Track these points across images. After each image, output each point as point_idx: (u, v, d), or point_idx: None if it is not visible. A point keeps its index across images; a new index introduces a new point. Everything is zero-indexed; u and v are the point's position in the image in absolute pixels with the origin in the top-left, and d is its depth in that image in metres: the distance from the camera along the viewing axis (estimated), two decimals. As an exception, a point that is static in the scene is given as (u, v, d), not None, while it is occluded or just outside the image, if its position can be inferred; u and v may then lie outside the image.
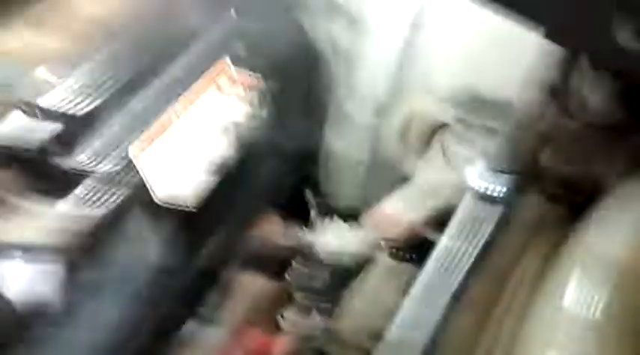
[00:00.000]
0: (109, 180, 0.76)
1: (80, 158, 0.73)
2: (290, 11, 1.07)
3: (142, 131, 0.81)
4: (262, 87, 0.99)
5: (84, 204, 0.73)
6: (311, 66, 1.10)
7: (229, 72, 0.98)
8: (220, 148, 0.92)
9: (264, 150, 1.03)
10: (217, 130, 0.93)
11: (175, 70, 0.87)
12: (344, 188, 1.14)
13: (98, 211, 0.74)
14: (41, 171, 0.72)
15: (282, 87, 1.03)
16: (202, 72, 0.92)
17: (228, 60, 0.97)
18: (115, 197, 0.77)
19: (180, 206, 0.86)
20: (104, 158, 0.75)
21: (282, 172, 1.12)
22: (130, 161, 0.79)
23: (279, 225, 0.92)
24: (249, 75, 0.98)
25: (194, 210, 0.87)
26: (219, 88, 0.96)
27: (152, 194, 0.82)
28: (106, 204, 0.75)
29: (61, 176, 0.72)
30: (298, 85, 1.10)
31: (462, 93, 0.89)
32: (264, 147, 1.03)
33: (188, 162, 0.88)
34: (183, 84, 0.88)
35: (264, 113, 0.99)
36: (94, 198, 0.74)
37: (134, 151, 0.80)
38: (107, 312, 0.75)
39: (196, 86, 0.91)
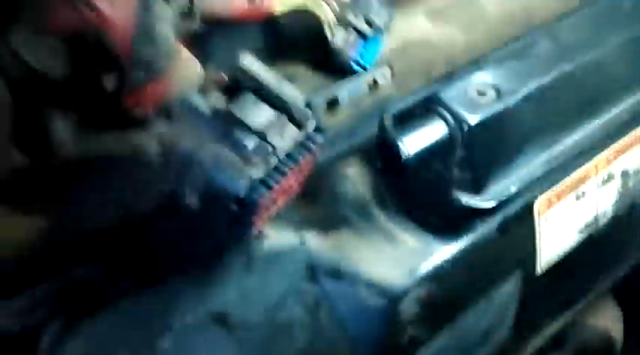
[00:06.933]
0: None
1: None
2: None
3: (552, 184, 0.66)
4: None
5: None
6: None
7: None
8: (604, 204, 0.74)
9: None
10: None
11: (605, 117, 0.68)
12: None
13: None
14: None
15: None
16: (635, 124, 0.73)
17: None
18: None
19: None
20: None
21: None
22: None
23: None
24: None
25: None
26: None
27: (535, 263, 0.68)
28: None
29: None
30: None
31: None
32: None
33: (576, 225, 0.72)
34: (610, 135, 0.70)
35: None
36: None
37: (538, 208, 0.65)
38: None
39: (624, 141, 0.72)
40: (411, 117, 0.58)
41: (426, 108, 0.56)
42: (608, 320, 1.09)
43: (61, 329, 0.47)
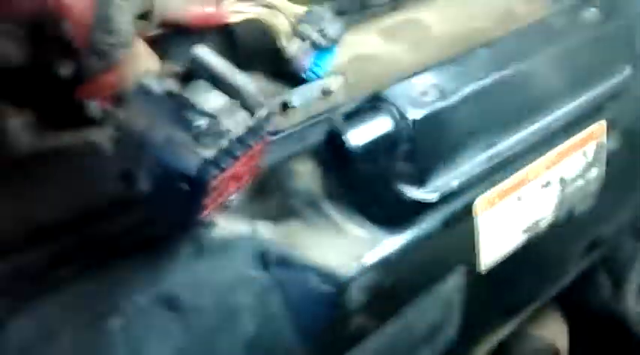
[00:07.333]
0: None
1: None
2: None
3: (492, 184, 0.69)
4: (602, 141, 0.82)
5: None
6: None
7: (601, 139, 0.82)
8: (543, 208, 0.78)
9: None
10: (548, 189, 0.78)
11: (543, 123, 0.72)
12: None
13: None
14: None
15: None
16: (572, 133, 0.78)
17: (604, 125, 0.82)
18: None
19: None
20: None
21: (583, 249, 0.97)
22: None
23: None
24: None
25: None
26: (585, 154, 0.80)
27: (477, 261, 0.71)
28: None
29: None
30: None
31: None
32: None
33: (517, 227, 0.75)
34: (547, 141, 0.74)
35: (596, 172, 0.83)
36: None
37: (479, 206, 0.69)
38: None
39: (561, 148, 0.76)
40: (358, 114, 0.61)
41: (373, 105, 0.60)
42: (554, 332, 1.13)
43: (3, 311, 0.47)
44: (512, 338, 0.98)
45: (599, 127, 0.81)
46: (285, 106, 0.71)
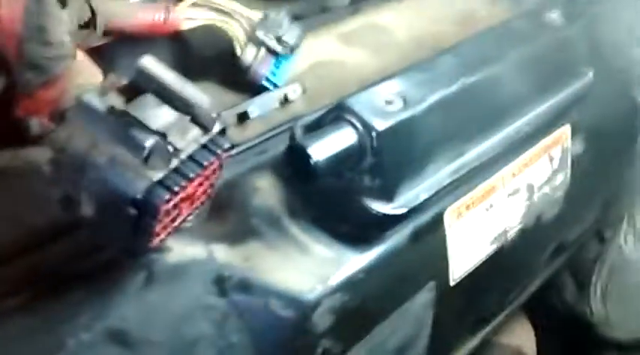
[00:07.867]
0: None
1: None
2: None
3: (461, 194, 0.67)
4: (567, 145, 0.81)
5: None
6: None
7: (566, 143, 0.81)
8: (511, 216, 0.76)
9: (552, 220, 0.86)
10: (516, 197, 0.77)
11: (509, 129, 0.70)
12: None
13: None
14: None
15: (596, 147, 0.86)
16: (538, 139, 0.76)
17: (568, 129, 0.80)
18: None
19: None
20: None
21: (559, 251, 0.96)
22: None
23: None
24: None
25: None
26: (550, 159, 0.79)
27: (447, 274, 0.68)
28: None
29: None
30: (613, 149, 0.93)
31: None
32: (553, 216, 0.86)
33: (486, 237, 0.73)
34: (514, 148, 0.72)
35: (562, 177, 0.82)
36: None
37: (448, 218, 0.66)
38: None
39: (528, 155, 0.74)
40: (320, 126, 0.58)
41: (335, 116, 0.57)
42: (521, 338, 1.12)
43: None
44: (479, 349, 0.97)
45: (564, 131, 0.80)
46: (242, 118, 0.67)
